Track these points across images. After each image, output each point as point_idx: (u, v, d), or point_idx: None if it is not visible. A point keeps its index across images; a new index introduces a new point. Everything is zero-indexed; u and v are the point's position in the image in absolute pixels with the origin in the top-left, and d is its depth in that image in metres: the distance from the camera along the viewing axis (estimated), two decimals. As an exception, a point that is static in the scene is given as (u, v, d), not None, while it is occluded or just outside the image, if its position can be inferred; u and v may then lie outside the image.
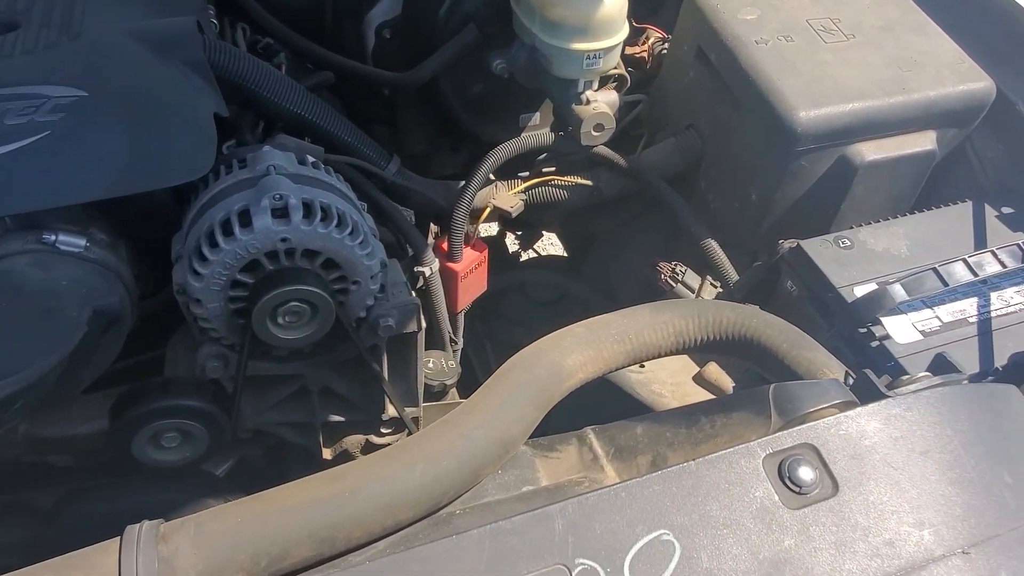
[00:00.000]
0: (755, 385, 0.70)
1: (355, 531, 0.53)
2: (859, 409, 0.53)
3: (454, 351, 1.23)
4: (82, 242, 0.76)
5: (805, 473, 0.50)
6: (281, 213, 0.76)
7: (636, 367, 1.04)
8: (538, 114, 1.35)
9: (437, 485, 0.56)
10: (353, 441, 1.07)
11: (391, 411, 1.02)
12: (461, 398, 1.11)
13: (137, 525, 0.50)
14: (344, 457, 1.08)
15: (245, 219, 0.75)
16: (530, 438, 0.67)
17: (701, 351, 0.78)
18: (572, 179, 1.13)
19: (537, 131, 1.18)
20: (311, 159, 0.87)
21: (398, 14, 1.33)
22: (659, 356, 0.78)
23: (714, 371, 0.92)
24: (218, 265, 0.76)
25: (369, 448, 1.06)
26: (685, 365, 0.95)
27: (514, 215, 1.09)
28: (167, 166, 0.77)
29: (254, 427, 0.96)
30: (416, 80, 1.20)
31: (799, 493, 0.49)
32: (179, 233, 0.82)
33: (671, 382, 0.95)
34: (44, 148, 0.71)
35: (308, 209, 0.77)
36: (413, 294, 0.92)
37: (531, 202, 1.13)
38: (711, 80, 1.02)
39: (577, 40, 1.03)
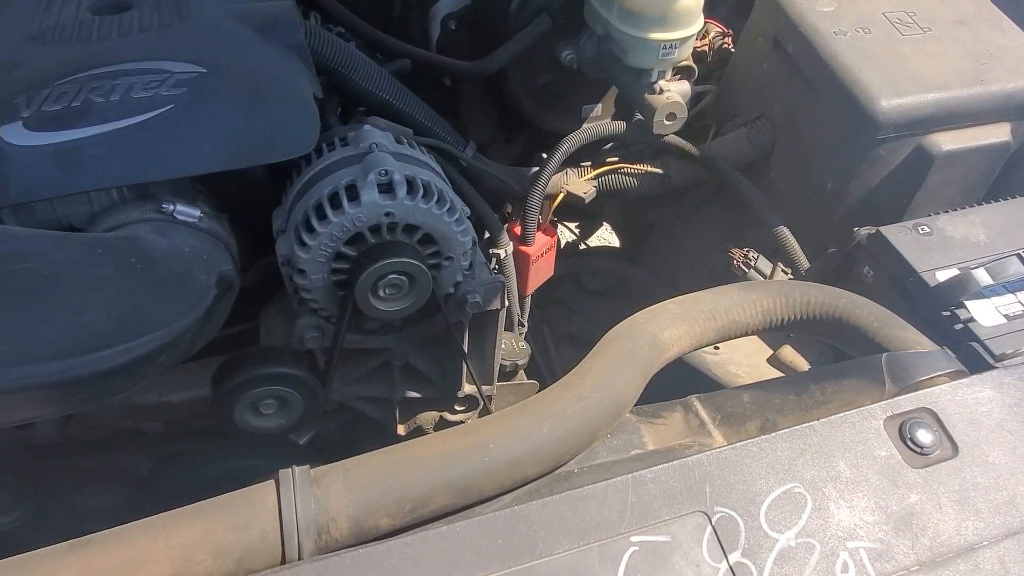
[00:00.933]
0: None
1: (488, 483, 0.55)
2: (972, 377, 0.55)
3: (520, 334, 1.26)
4: (197, 212, 0.79)
5: (924, 436, 0.52)
6: (386, 188, 0.79)
7: (711, 349, 1.06)
8: (600, 105, 1.37)
9: (560, 444, 0.58)
10: (427, 417, 1.09)
11: (467, 388, 1.05)
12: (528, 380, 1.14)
13: (289, 469, 0.53)
14: (417, 433, 1.10)
15: (352, 193, 0.78)
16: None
17: (788, 330, 0.80)
18: (642, 167, 1.16)
19: (605, 121, 1.20)
20: (404, 139, 0.90)
21: (466, 5, 1.37)
22: (747, 334, 0.80)
23: (789, 353, 0.94)
24: (325, 237, 0.79)
25: (442, 425, 1.09)
26: (760, 348, 0.97)
27: (587, 201, 1.12)
28: (276, 142, 0.80)
29: (339, 399, 0.99)
30: (486, 69, 1.23)
31: (920, 454, 0.51)
32: (280, 208, 0.85)
33: (747, 363, 0.97)
34: (168, 120, 0.74)
35: (411, 185, 0.80)
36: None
37: (601, 189, 1.16)
38: (787, 71, 1.04)
39: (655, 30, 1.06)
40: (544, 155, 1.22)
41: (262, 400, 0.86)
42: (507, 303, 0.94)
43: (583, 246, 1.51)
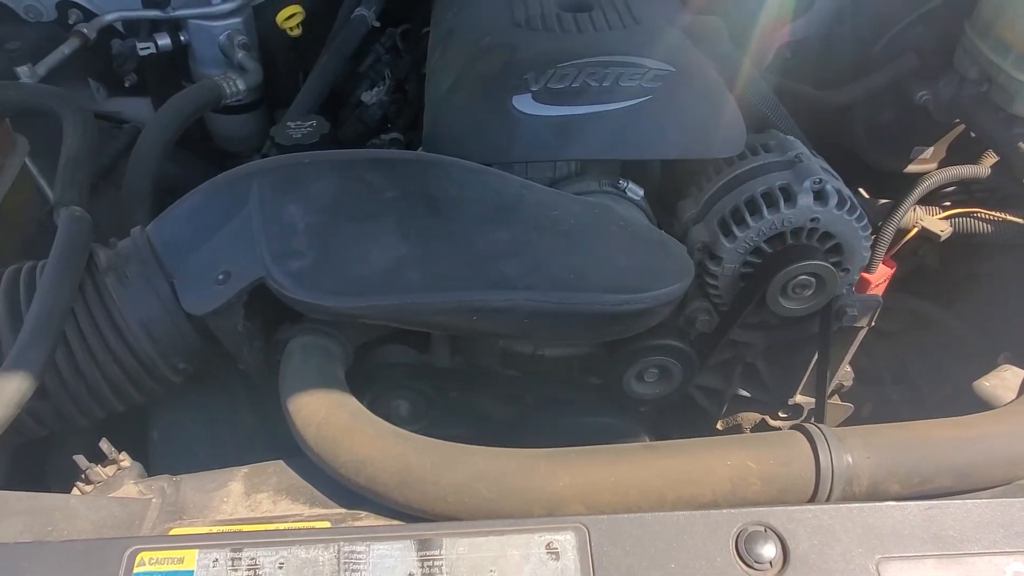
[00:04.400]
0: None
1: (982, 475, 0.60)
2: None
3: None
4: (641, 192, 0.90)
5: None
6: (818, 196, 0.86)
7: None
8: (932, 148, 1.38)
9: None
10: (748, 417, 1.15)
11: (798, 398, 1.09)
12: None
13: (815, 426, 0.60)
14: (735, 431, 1.16)
15: (787, 195, 0.85)
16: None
17: None
18: (999, 214, 1.15)
19: (966, 165, 1.20)
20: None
21: (807, 36, 1.42)
22: None
23: None
24: (753, 231, 0.86)
25: (761, 428, 1.14)
26: None
27: (942, 239, 1.13)
28: (716, 140, 0.89)
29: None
30: (838, 100, 1.28)
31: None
32: (690, 199, 0.94)
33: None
34: (647, 109, 0.85)
35: (839, 196, 0.86)
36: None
37: (955, 230, 1.16)
38: None
39: (1050, 81, 1.06)
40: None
41: (649, 368, 0.95)
42: (873, 323, 0.98)
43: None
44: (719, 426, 1.14)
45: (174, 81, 1.39)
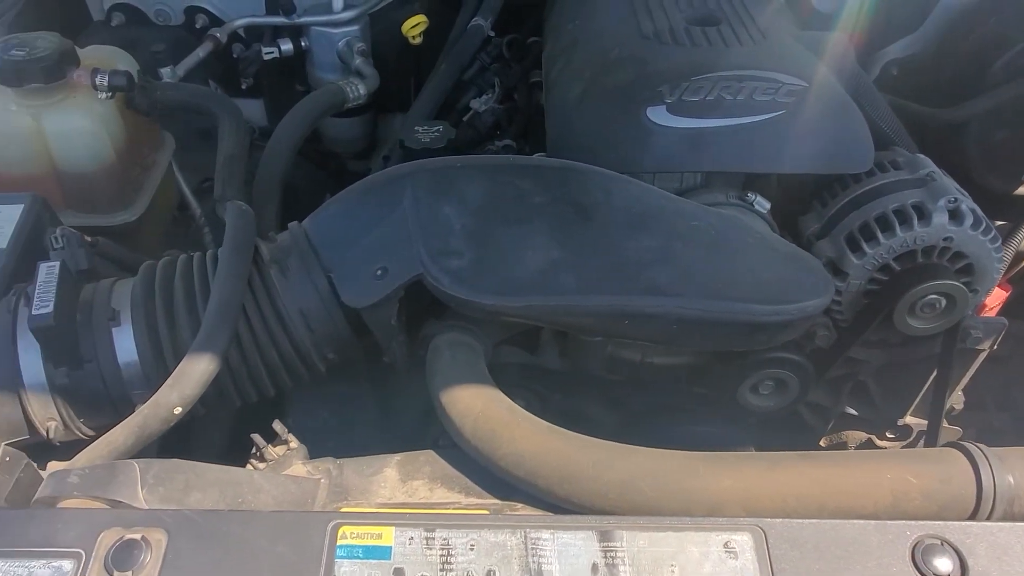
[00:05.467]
0: None
1: None
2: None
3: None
4: (768, 205, 0.91)
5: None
6: (953, 215, 0.85)
7: None
8: (1043, 171, 1.35)
9: None
10: (853, 436, 1.14)
11: (908, 419, 1.08)
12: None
13: (974, 444, 0.60)
14: (839, 448, 1.15)
15: (921, 213, 0.85)
16: None
17: None
18: (1125, 242, 1.12)
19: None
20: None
21: (914, 53, 1.40)
22: None
23: None
24: (883, 248, 0.86)
25: (868, 446, 1.13)
26: None
27: (1061, 263, 1.11)
28: (846, 156, 0.89)
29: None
30: (954, 118, 1.26)
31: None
32: (813, 215, 0.94)
33: None
34: (780, 123, 0.85)
35: (974, 216, 0.85)
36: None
37: (1075, 255, 1.14)
38: None
39: None
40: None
41: (765, 381, 0.95)
42: (993, 348, 0.97)
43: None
44: (822, 443, 1.14)
45: (288, 84, 1.45)
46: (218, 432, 0.89)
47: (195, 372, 0.63)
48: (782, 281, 0.73)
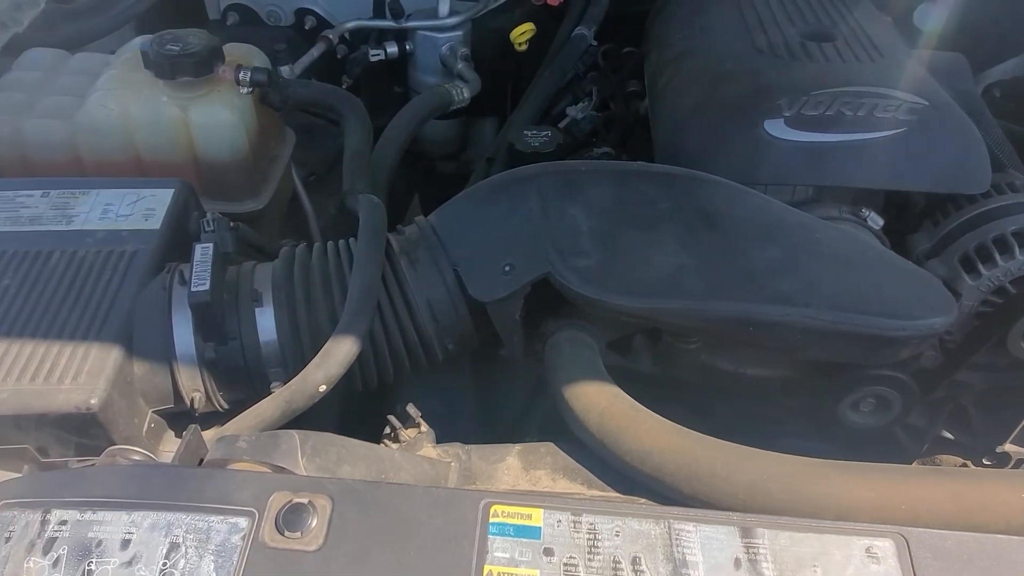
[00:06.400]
0: None
1: None
2: None
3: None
4: (881, 221, 0.91)
5: None
6: (1075, 240, 0.84)
7: None
8: None
9: None
10: (948, 460, 1.12)
11: (1008, 446, 1.06)
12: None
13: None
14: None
15: (1040, 237, 0.84)
16: None
17: None
18: None
19: None
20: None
21: (1018, 75, 1.38)
22: None
23: None
24: (999, 271, 0.85)
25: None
26: None
27: None
28: (965, 176, 0.89)
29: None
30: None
31: None
32: (921, 234, 0.94)
33: None
34: (902, 141, 0.86)
35: (1097, 242, 0.84)
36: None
37: None
38: None
39: None
40: None
41: (867, 398, 0.95)
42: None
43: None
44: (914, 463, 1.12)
45: (387, 85, 1.50)
46: (328, 418, 0.93)
47: (340, 353, 0.66)
48: (906, 297, 0.73)
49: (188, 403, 0.73)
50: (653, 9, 1.29)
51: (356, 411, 0.95)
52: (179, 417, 0.77)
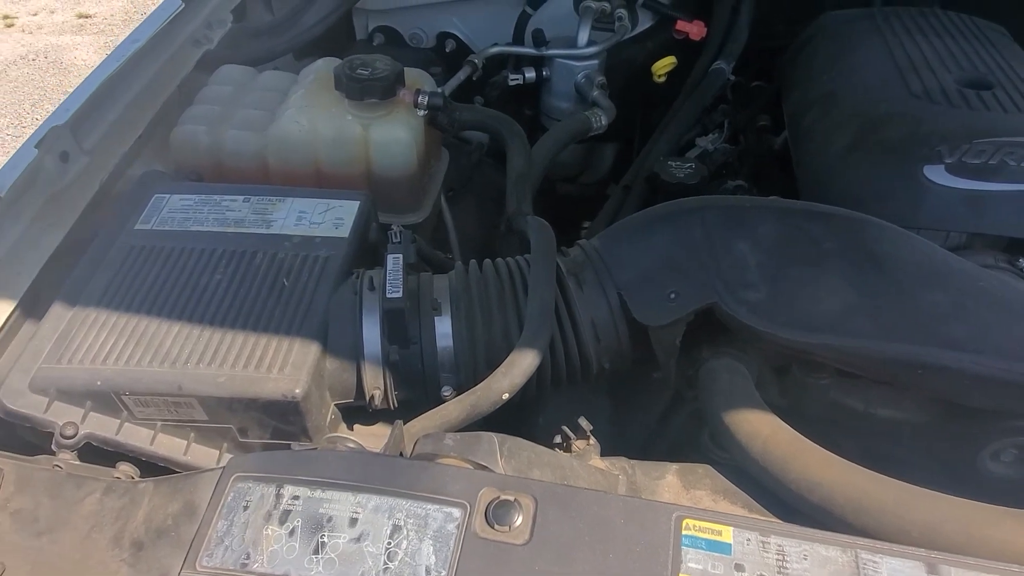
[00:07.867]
0: None
1: None
2: None
3: None
4: (1034, 272, 0.90)
5: None
6: None
7: None
8: None
9: None
10: None
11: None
12: None
13: None
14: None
15: None
16: None
17: None
18: None
19: None
20: None
21: None
22: None
23: None
24: None
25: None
26: None
27: None
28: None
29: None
30: None
31: None
32: None
33: None
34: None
35: None
36: None
37: None
38: None
39: None
40: None
41: (1009, 448, 0.94)
42: None
43: None
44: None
45: (518, 109, 1.56)
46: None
47: (524, 363, 0.72)
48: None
49: (368, 399, 0.80)
50: (793, 46, 1.31)
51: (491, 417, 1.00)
52: (349, 412, 0.84)
